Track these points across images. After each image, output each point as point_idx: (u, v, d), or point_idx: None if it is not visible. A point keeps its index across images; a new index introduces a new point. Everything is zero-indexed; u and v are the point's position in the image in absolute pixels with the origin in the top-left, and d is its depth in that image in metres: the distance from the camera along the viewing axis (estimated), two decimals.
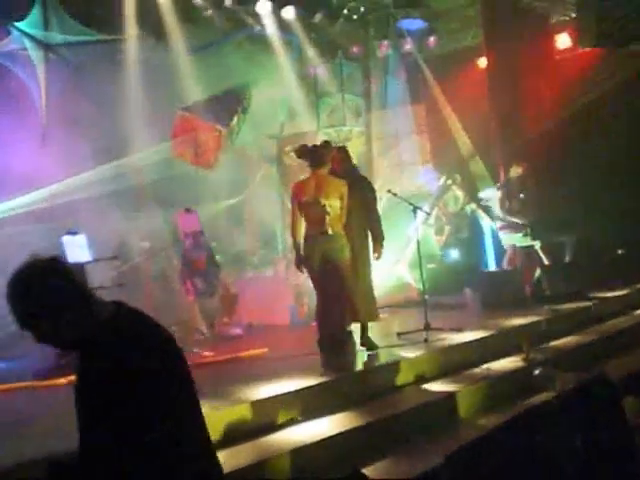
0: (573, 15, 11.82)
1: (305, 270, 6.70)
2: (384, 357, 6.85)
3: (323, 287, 6.67)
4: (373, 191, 7.21)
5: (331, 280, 6.58)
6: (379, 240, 7.06)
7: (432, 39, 12.67)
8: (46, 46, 9.35)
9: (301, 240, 6.65)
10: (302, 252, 6.62)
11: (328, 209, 6.41)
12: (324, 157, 6.55)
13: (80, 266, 7.29)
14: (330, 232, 6.46)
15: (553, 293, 9.73)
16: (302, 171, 10.77)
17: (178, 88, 9.87)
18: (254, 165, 11.46)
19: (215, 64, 9.98)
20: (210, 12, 9.87)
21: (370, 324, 7.11)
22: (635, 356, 7.67)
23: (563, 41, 12.62)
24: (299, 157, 6.78)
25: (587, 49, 11.99)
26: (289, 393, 5.65)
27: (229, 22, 10.21)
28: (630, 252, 11.30)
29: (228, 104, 10.68)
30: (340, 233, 6.55)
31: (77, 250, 7.79)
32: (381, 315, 7.64)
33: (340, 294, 6.61)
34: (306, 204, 6.56)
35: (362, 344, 6.94)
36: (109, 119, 9.12)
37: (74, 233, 8.01)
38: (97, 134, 9.02)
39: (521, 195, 10.45)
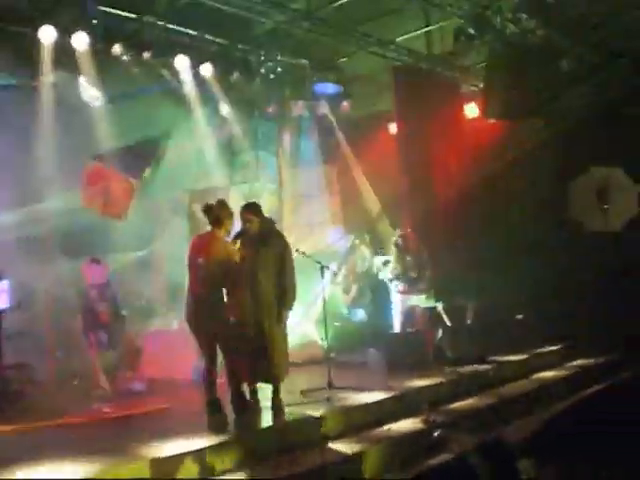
0: (481, 86, 12.32)
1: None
2: (288, 415, 6.83)
3: (202, 347, 6.66)
4: (286, 246, 7.04)
5: (210, 341, 6.58)
6: (287, 296, 6.85)
7: (346, 103, 12.97)
8: None
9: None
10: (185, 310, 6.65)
11: (203, 271, 6.43)
12: (219, 217, 6.62)
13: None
14: (202, 294, 6.47)
15: (454, 355, 9.94)
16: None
17: (92, 136, 9.78)
18: (164, 217, 11.37)
19: (130, 115, 9.92)
20: (128, 63, 9.84)
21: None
22: (532, 420, 7.87)
23: (471, 110, 13.10)
24: (204, 213, 6.81)
25: (493, 120, 12.53)
26: (189, 452, 5.58)
27: (147, 74, 10.20)
28: (528, 317, 11.66)
29: (141, 155, 10.63)
30: (214, 295, 6.50)
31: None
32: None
33: (226, 354, 6.56)
34: (191, 262, 6.62)
35: (271, 407, 6.81)
36: (22, 164, 8.96)
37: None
38: (10, 179, 8.84)
39: (408, 258, 10.76)
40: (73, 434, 6.54)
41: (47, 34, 9.17)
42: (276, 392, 6.84)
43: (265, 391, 6.94)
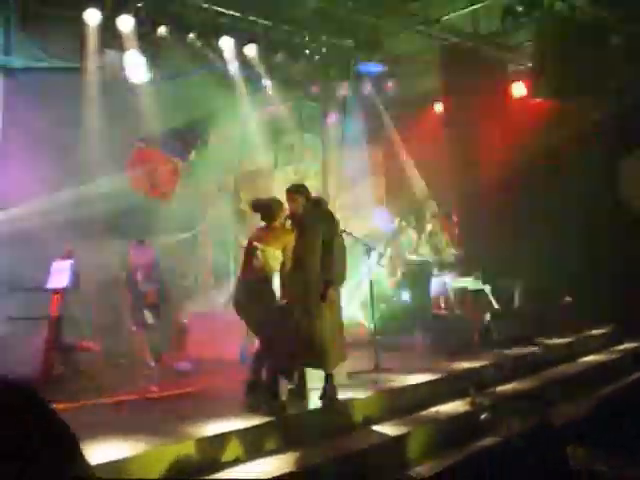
0: (529, 65, 12.11)
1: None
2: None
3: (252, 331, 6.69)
4: (334, 226, 6.86)
5: (253, 324, 6.58)
6: (330, 282, 6.61)
7: (390, 83, 12.87)
8: (6, 70, 9.29)
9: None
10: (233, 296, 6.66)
11: (259, 255, 6.43)
12: (274, 213, 6.57)
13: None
14: (251, 280, 6.45)
15: (501, 338, 9.84)
16: None
17: (137, 119, 9.84)
18: (210, 199, 11.42)
19: (176, 97, 9.97)
20: (173, 44, 9.88)
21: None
22: (578, 403, 7.77)
23: (519, 90, 12.90)
24: (254, 211, 6.77)
25: (541, 99, 12.31)
26: (235, 431, 5.60)
27: (192, 56, 10.23)
28: (577, 300, 11.50)
29: (187, 137, 10.69)
30: (265, 278, 6.41)
31: (59, 275, 7.74)
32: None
33: (268, 340, 6.48)
34: (247, 250, 6.62)
35: (321, 394, 6.65)
36: (68, 147, 9.06)
37: (67, 258, 7.93)
38: (55, 161, 8.94)
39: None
40: (120, 413, 6.61)
41: (93, 17, 9.26)
42: (327, 379, 6.68)
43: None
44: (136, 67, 9.81)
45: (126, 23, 9.43)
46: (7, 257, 8.66)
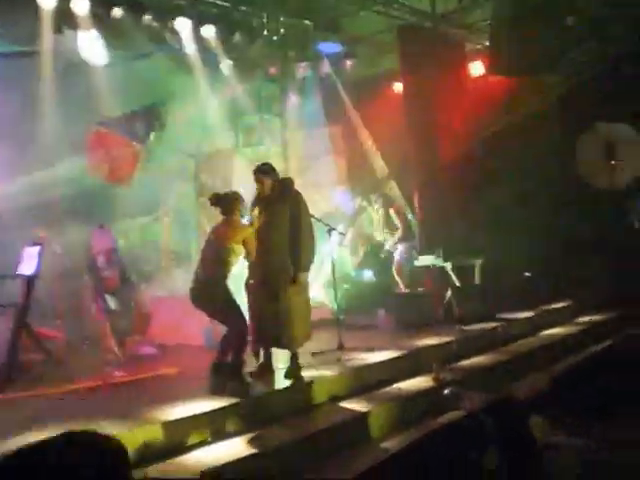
0: (487, 43, 12.19)
1: None
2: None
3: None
4: (301, 205, 6.82)
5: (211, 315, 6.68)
6: (303, 257, 6.65)
7: (349, 63, 12.85)
8: None
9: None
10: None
11: (219, 250, 6.41)
12: (232, 207, 6.54)
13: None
14: (210, 273, 6.42)
15: (463, 314, 9.97)
16: (217, 186, 10.82)
17: (95, 103, 9.73)
18: (170, 182, 11.35)
19: (133, 80, 9.86)
20: (129, 26, 9.74)
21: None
22: (541, 376, 7.92)
23: (476, 69, 12.98)
24: (212, 205, 6.71)
25: (500, 77, 12.42)
26: (201, 414, 5.63)
27: (148, 38, 10.09)
28: (536, 275, 11.68)
29: (145, 120, 10.60)
30: (222, 274, 6.39)
31: (29, 262, 7.63)
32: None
33: (227, 326, 6.49)
34: (207, 244, 6.64)
35: (286, 372, 6.72)
36: (25, 132, 8.93)
37: (38, 244, 7.82)
38: (13, 147, 8.81)
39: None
40: (84, 399, 6.59)
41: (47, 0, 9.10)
42: (292, 358, 6.74)
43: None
44: (93, 49, 9.67)
45: (81, 5, 9.26)
46: None
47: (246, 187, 7.32)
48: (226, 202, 6.60)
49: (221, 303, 6.36)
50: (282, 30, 11.56)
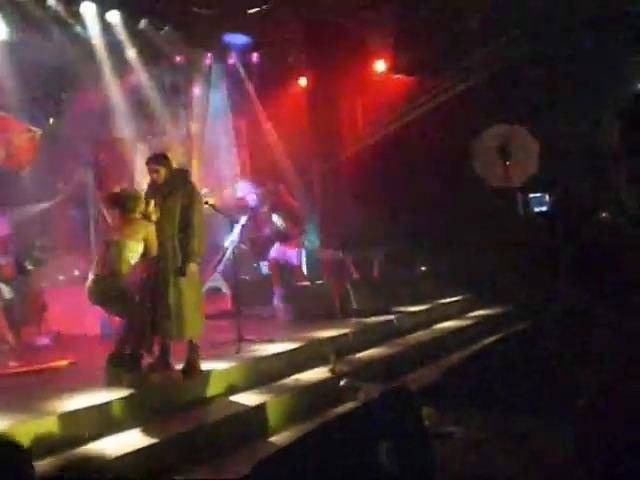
0: (390, 41, 12.44)
1: None
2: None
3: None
4: (193, 195, 6.80)
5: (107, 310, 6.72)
6: (193, 247, 6.62)
7: (256, 55, 12.89)
8: None
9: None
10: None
11: (115, 248, 6.32)
12: (131, 206, 6.42)
13: None
14: (105, 271, 6.32)
15: (360, 306, 10.16)
16: (118, 174, 10.69)
17: None
18: (69, 168, 11.11)
19: (34, 63, 9.60)
20: (32, 9, 9.48)
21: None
22: (433, 368, 8.20)
23: (380, 66, 13.21)
24: (110, 206, 6.62)
25: (401, 76, 12.72)
26: (97, 405, 5.61)
27: (51, 21, 9.84)
28: (432, 269, 12.02)
29: (45, 105, 10.35)
30: (117, 272, 6.29)
31: None
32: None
33: (124, 315, 6.47)
34: (104, 242, 6.53)
35: (185, 365, 6.71)
36: None
37: None
38: None
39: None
40: None
41: None
42: (191, 349, 6.73)
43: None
44: None
45: None
46: None
47: (147, 176, 7.27)
48: (124, 202, 6.47)
49: (114, 298, 6.32)
50: (189, 18, 11.46)
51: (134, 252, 6.35)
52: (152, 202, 6.66)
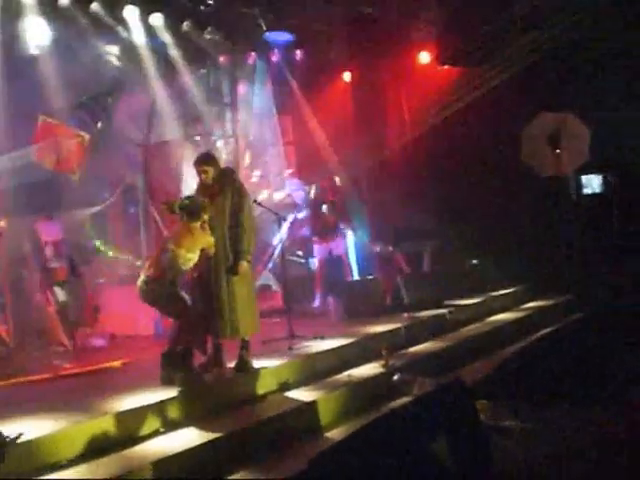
0: (434, 33, 12.33)
1: None
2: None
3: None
4: (242, 195, 6.78)
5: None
6: (244, 246, 6.62)
7: (299, 52, 12.87)
8: None
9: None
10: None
11: (169, 255, 6.27)
12: (197, 214, 6.38)
13: None
14: (156, 275, 6.29)
15: (412, 301, 10.09)
16: (167, 176, 10.77)
17: (40, 93, 9.56)
18: (119, 172, 11.23)
19: (80, 69, 9.72)
20: (76, 15, 9.61)
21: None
22: (488, 361, 8.09)
23: (424, 58, 13.09)
24: (171, 213, 6.60)
25: (446, 66, 12.59)
26: (152, 404, 5.65)
27: (96, 26, 9.96)
28: (484, 262, 11.88)
29: (93, 110, 10.47)
30: (168, 280, 6.29)
31: None
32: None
33: (177, 316, 6.49)
34: (161, 246, 6.56)
35: (237, 363, 6.73)
36: None
37: None
38: None
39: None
40: (35, 392, 6.56)
41: None
42: (243, 347, 6.75)
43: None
44: (37, 37, 9.50)
45: None
46: None
47: (195, 178, 7.30)
48: (187, 210, 6.41)
49: (165, 299, 6.33)
50: (231, 18, 11.49)
51: (188, 261, 6.33)
52: (211, 211, 6.62)
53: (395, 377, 7.00)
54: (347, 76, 13.28)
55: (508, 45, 11.78)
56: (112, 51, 10.55)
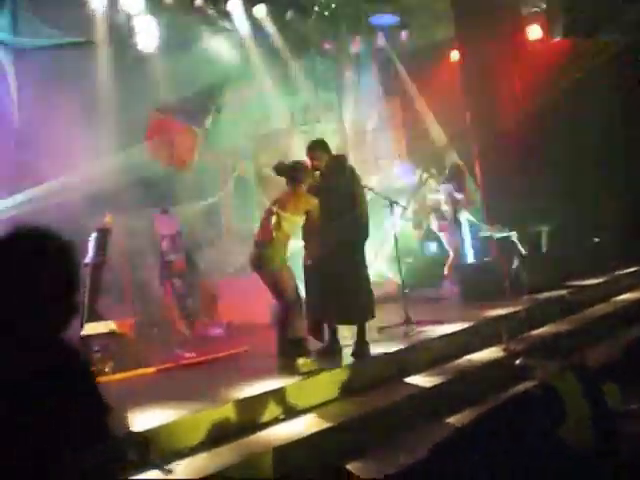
0: (543, 6, 11.91)
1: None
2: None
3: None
4: (356, 181, 6.80)
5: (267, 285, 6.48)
6: (361, 231, 6.65)
7: (404, 34, 12.70)
8: (16, 51, 9.25)
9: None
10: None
11: (274, 219, 6.27)
12: (298, 176, 6.40)
13: None
14: (264, 240, 6.30)
15: (531, 283, 9.78)
16: None
17: (153, 89, 9.81)
18: (230, 164, 11.41)
19: (188, 64, 9.92)
20: (180, 10, 9.80)
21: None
22: (613, 343, 7.74)
23: (534, 32, 12.67)
24: (278, 174, 6.61)
25: (558, 39, 12.11)
26: (271, 392, 5.67)
27: (200, 20, 10.13)
28: (605, 240, 11.40)
29: (202, 104, 10.66)
30: (275, 242, 6.27)
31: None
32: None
33: (279, 300, 6.43)
34: (266, 212, 6.54)
35: (354, 348, 6.69)
36: (82, 122, 9.05)
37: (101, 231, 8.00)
38: (71, 137, 8.95)
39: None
40: (157, 381, 6.72)
41: None
42: (360, 332, 6.70)
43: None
44: (147, 35, 9.74)
45: None
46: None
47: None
48: (292, 171, 6.48)
49: (271, 269, 6.29)
50: (333, 5, 11.45)
51: (293, 224, 6.34)
52: (317, 174, 6.63)
53: (517, 361, 6.78)
54: (455, 55, 12.99)
55: (619, 14, 11.24)
56: (219, 45, 10.69)
